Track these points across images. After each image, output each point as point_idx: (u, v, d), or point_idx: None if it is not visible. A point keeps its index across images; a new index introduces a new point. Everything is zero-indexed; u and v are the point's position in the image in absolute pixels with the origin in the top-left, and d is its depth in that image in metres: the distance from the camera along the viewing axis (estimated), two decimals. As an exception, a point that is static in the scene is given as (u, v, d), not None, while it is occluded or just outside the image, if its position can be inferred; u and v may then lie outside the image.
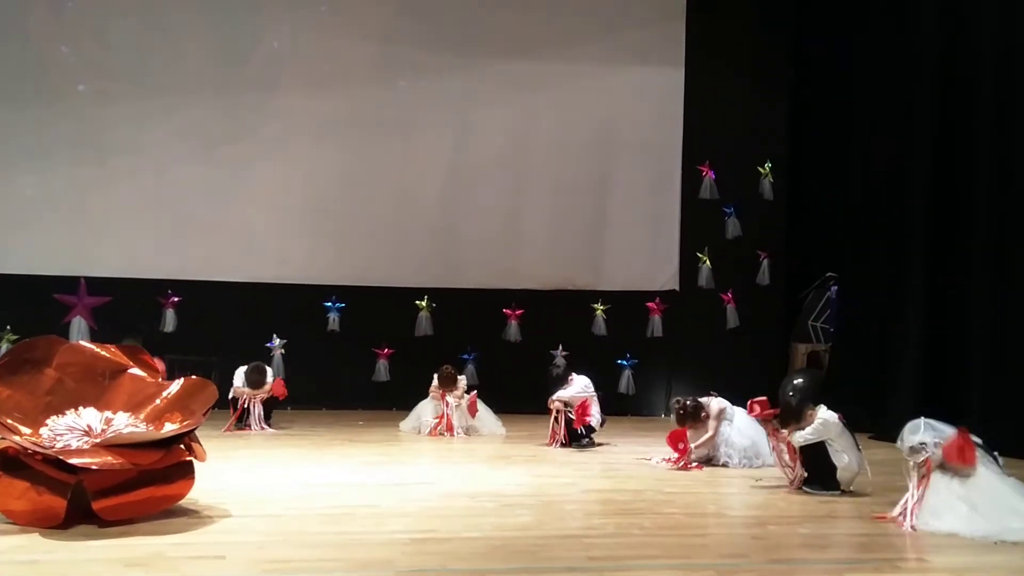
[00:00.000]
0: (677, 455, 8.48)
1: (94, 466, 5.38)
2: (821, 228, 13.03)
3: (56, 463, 5.44)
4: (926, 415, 6.40)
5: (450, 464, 8.57)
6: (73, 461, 5.38)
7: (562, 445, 9.54)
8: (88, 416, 5.93)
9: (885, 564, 5.22)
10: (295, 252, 12.43)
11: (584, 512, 6.72)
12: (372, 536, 5.51)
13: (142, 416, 6.05)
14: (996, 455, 6.34)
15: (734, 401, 8.93)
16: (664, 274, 13.19)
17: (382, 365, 12.47)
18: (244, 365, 10.59)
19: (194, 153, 12.24)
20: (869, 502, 6.91)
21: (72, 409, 5.96)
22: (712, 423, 8.62)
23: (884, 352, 11.53)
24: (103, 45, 12.09)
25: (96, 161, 12.03)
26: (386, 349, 12.46)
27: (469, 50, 12.84)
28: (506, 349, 12.65)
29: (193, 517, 5.81)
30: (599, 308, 12.91)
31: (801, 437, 7.22)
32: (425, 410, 10.66)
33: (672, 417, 8.99)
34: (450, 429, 10.32)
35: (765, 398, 7.59)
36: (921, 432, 6.22)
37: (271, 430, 10.35)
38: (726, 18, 13.22)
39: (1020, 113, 10.06)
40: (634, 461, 8.78)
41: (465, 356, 12.41)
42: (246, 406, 10.36)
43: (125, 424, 5.94)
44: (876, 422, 10.57)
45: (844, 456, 7.20)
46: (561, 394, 9.77)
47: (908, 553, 5.57)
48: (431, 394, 10.64)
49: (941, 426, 6.26)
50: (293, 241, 12.45)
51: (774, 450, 7.61)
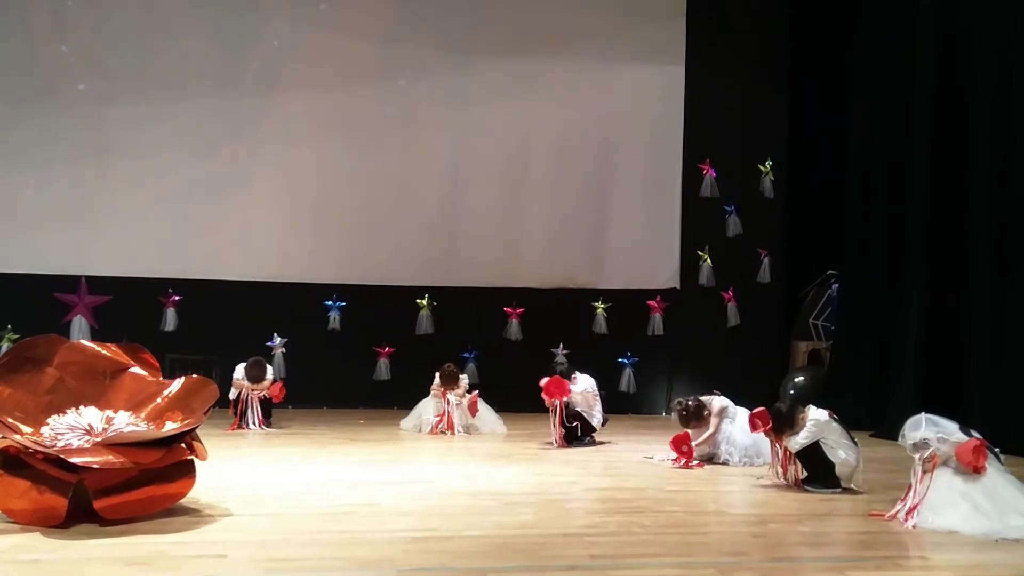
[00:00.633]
0: (678, 456, 8.47)
1: (95, 465, 5.38)
2: (822, 226, 13.02)
3: (57, 462, 5.45)
4: (927, 412, 6.40)
5: (451, 462, 8.57)
6: (74, 460, 5.38)
7: (565, 441, 9.51)
8: (89, 415, 5.95)
9: (886, 562, 5.22)
10: (296, 251, 12.42)
11: (585, 510, 6.73)
12: (373, 535, 5.52)
13: (143, 415, 6.05)
14: (997, 452, 6.34)
15: (735, 400, 8.92)
16: (665, 272, 13.17)
17: (383, 364, 12.46)
18: (243, 362, 10.59)
19: (195, 152, 12.23)
20: (869, 500, 6.91)
21: (73, 408, 5.98)
22: (714, 420, 8.61)
23: (885, 350, 11.52)
24: (103, 44, 12.07)
25: (96, 160, 12.02)
26: (387, 348, 12.45)
27: (470, 48, 12.81)
28: (507, 348, 12.64)
29: (194, 516, 5.82)
30: (600, 306, 12.90)
31: (796, 443, 7.21)
32: (426, 408, 10.65)
33: (674, 417, 8.97)
34: (451, 428, 10.32)
35: (763, 409, 7.53)
36: (923, 428, 6.22)
37: (271, 429, 10.35)
38: (726, 16, 13.20)
39: (1020, 107, 10.06)
40: (635, 459, 8.78)
41: (466, 355, 12.40)
42: (245, 403, 10.36)
43: (126, 423, 5.95)
44: (877, 420, 10.58)
45: (840, 452, 7.19)
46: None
47: (910, 551, 5.58)
48: (433, 392, 10.63)
49: (942, 422, 6.27)
50: (294, 240, 12.44)
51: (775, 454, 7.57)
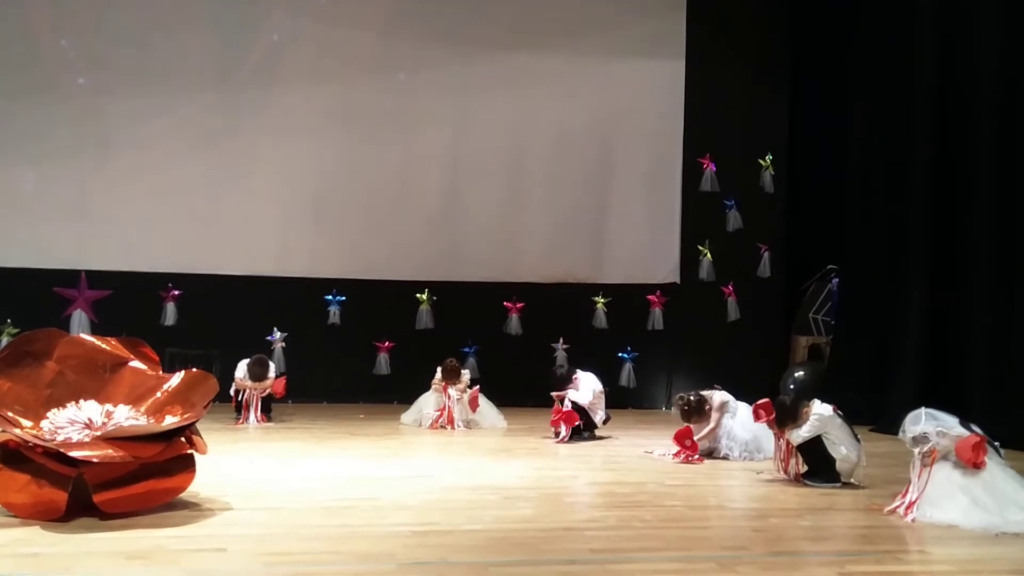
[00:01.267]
0: (680, 449, 8.46)
1: (95, 459, 5.37)
2: (822, 220, 13.01)
3: (57, 456, 5.44)
4: (927, 406, 6.40)
5: (451, 457, 8.57)
6: (74, 454, 5.38)
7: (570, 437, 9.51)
8: (89, 409, 5.93)
9: (887, 556, 5.22)
10: (296, 245, 12.40)
11: (585, 505, 6.73)
12: (373, 529, 5.51)
13: (143, 409, 6.04)
14: (997, 446, 6.34)
15: (736, 394, 8.92)
16: (665, 267, 13.17)
17: (383, 358, 12.45)
18: (246, 358, 10.58)
19: (194, 146, 12.20)
20: (870, 494, 6.90)
21: (73, 402, 5.96)
22: (714, 415, 8.61)
23: (885, 344, 11.52)
24: (103, 38, 12.05)
25: (96, 154, 12.00)
26: (387, 342, 12.45)
27: (469, 42, 12.79)
28: (507, 342, 12.63)
29: (194, 510, 5.81)
30: (600, 301, 12.89)
31: (799, 436, 7.21)
32: (427, 403, 10.64)
33: (675, 412, 8.96)
34: (451, 422, 10.33)
35: (768, 400, 7.54)
36: (923, 422, 6.22)
37: (271, 423, 10.35)
38: (726, 10, 13.18)
39: (1021, 103, 10.05)
40: (635, 454, 8.78)
41: (466, 349, 12.39)
42: (247, 399, 10.35)
43: (126, 417, 5.94)
44: (877, 414, 10.58)
45: (841, 448, 7.19)
46: (576, 397, 9.61)
47: (909, 545, 5.58)
48: (434, 387, 10.62)
49: (942, 416, 6.26)
50: (293, 234, 12.42)
51: (778, 448, 7.57)
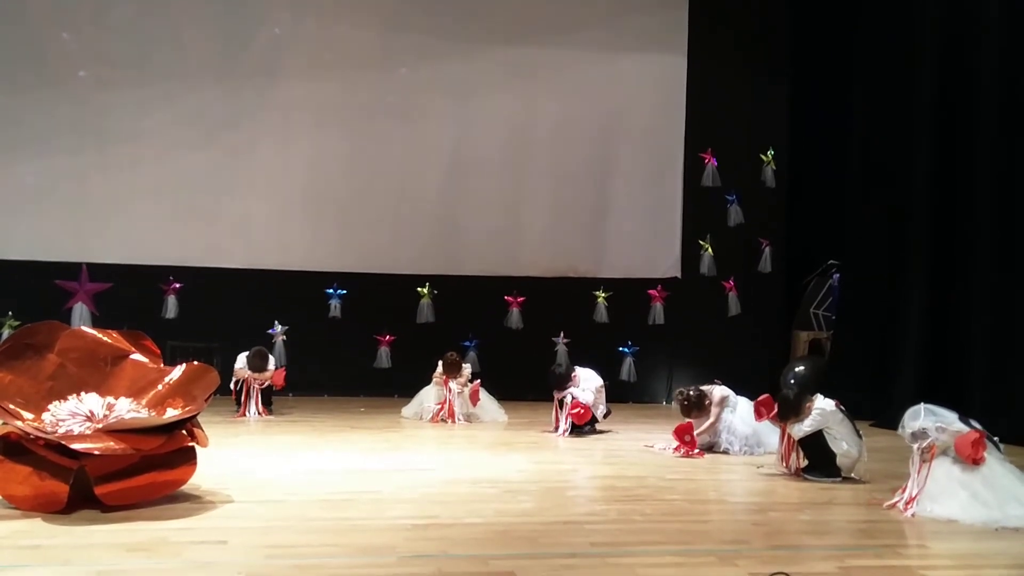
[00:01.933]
0: (680, 444, 8.47)
1: (96, 451, 5.39)
2: (823, 215, 13.00)
3: (58, 448, 5.45)
4: (927, 402, 6.40)
5: (452, 450, 8.58)
6: (75, 446, 5.39)
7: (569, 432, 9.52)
8: (90, 401, 5.95)
9: (886, 550, 5.23)
10: (296, 239, 12.41)
11: (586, 498, 6.74)
12: (374, 522, 5.53)
13: (144, 402, 6.06)
14: (997, 441, 6.35)
15: (736, 389, 8.93)
16: (666, 261, 13.16)
17: (383, 352, 12.46)
18: (246, 351, 10.60)
19: (195, 139, 12.20)
20: (870, 489, 6.92)
21: (74, 394, 5.98)
22: (714, 409, 8.62)
23: (886, 339, 11.52)
24: (103, 31, 12.03)
25: (97, 147, 11.99)
26: (387, 336, 12.45)
27: (471, 37, 12.78)
28: (507, 336, 12.63)
29: (195, 502, 5.83)
30: (601, 295, 12.89)
31: (800, 430, 7.22)
32: (428, 396, 10.66)
33: (675, 407, 8.97)
34: (452, 416, 10.34)
35: (767, 396, 7.55)
36: (922, 418, 6.23)
37: (272, 416, 10.36)
38: (728, 5, 13.15)
39: (1023, 98, 10.04)
40: (636, 448, 8.79)
41: (467, 343, 12.40)
42: (247, 390, 10.37)
43: (127, 409, 5.95)
44: (878, 410, 10.59)
45: (843, 443, 7.20)
46: (579, 395, 9.60)
47: (909, 539, 5.59)
48: (435, 380, 10.63)
49: (942, 411, 6.27)
50: (294, 228, 12.42)
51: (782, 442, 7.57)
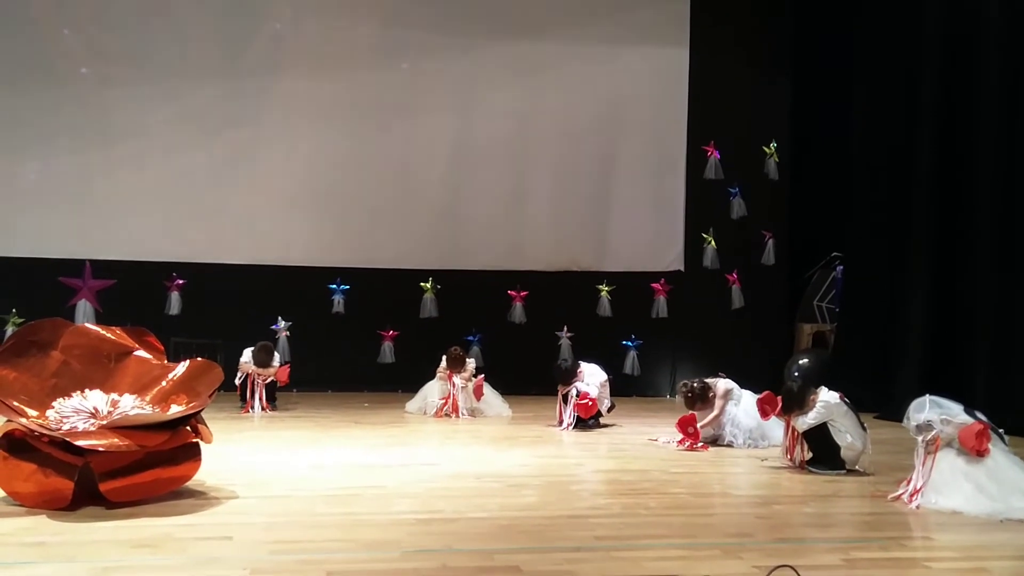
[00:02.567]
0: (684, 437, 8.47)
1: (101, 448, 5.39)
2: (826, 208, 12.98)
3: (63, 445, 5.46)
4: (932, 394, 6.39)
5: (456, 445, 8.58)
6: (80, 443, 5.40)
7: (574, 426, 9.52)
8: (94, 398, 5.95)
9: (891, 542, 5.23)
10: (299, 234, 12.42)
11: (590, 492, 6.74)
12: (378, 517, 5.53)
13: (148, 398, 6.06)
14: (1002, 433, 6.34)
15: (740, 382, 8.93)
16: (669, 255, 13.16)
17: (387, 347, 12.47)
18: (250, 347, 10.60)
19: (197, 136, 12.22)
20: (874, 481, 6.91)
21: (78, 391, 5.98)
22: (718, 402, 8.62)
23: (889, 331, 11.51)
24: (106, 28, 12.05)
25: (100, 144, 12.01)
26: (391, 331, 12.46)
27: (472, 31, 12.77)
28: (511, 331, 12.63)
29: (200, 498, 5.83)
30: (604, 289, 12.89)
31: (804, 423, 7.22)
32: (432, 391, 10.67)
33: (679, 399, 8.97)
34: (456, 410, 10.36)
35: (768, 393, 7.54)
36: (927, 410, 6.22)
37: (276, 412, 10.37)
38: (730, -2, 13.17)
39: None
40: (640, 442, 8.79)
41: (470, 338, 12.40)
42: (252, 386, 10.38)
43: (131, 406, 5.95)
44: (881, 402, 10.58)
45: (847, 436, 7.20)
46: (584, 389, 9.58)
47: (914, 531, 5.58)
48: (439, 375, 10.64)
49: (946, 403, 6.26)
50: (297, 223, 12.43)
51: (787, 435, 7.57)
